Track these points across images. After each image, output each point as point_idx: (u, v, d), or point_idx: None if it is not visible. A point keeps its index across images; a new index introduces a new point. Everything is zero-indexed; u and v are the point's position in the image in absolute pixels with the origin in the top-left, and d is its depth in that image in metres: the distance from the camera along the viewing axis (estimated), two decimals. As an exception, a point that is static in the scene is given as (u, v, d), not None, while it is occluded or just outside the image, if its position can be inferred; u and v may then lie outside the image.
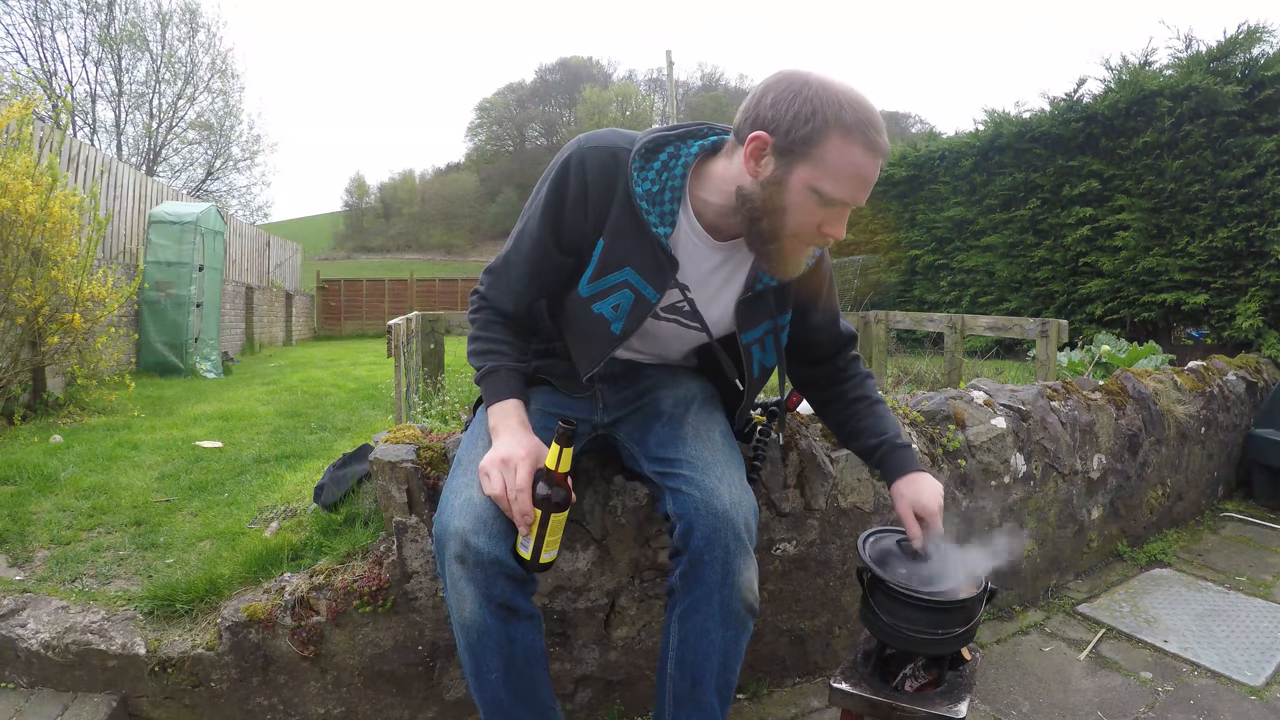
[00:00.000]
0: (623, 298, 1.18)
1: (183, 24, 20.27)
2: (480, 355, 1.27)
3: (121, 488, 2.36)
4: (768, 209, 1.08)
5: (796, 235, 1.10)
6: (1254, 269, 5.01)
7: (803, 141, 1.03)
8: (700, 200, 1.17)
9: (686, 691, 1.19)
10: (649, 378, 1.39)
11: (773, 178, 1.06)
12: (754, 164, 1.07)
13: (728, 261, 1.22)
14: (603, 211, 1.15)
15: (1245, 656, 1.94)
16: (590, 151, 1.14)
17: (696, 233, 1.18)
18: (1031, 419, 2.26)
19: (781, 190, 1.06)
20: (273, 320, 12.01)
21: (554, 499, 1.08)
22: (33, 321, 3.61)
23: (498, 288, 1.28)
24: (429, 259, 42.68)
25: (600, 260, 1.17)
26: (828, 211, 1.07)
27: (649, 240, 1.14)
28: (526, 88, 60.46)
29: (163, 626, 1.50)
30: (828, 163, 1.03)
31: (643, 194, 1.13)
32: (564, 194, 1.16)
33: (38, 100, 5.76)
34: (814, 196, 1.05)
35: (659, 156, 1.15)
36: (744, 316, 1.25)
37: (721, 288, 1.24)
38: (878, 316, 4.97)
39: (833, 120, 1.02)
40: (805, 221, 1.08)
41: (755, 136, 1.05)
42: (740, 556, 1.16)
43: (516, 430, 1.16)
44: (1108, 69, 6.28)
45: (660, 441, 1.28)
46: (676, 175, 1.14)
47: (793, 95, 1.03)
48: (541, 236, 1.19)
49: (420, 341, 3.88)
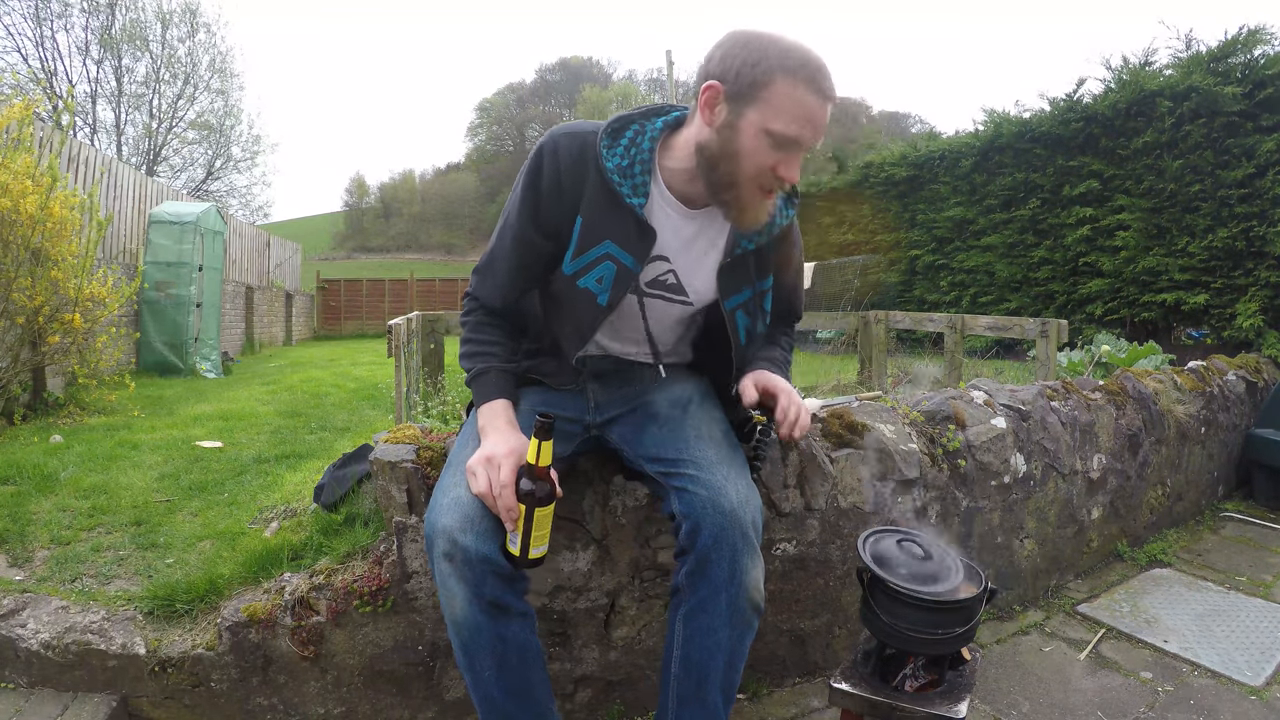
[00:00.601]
0: (605, 270, 1.22)
1: (183, 24, 20.31)
2: (470, 358, 1.30)
3: (121, 488, 2.36)
4: (724, 154, 1.13)
5: (754, 179, 1.14)
6: (1254, 269, 5.00)
7: (750, 85, 1.09)
8: (669, 170, 1.22)
9: (691, 690, 1.19)
10: (642, 379, 1.38)
11: (726, 123, 1.12)
12: (709, 113, 1.13)
13: (705, 230, 1.26)
14: (578, 192, 1.20)
15: (1245, 656, 1.94)
16: (561, 138, 1.21)
17: (670, 202, 1.23)
18: (1031, 419, 2.26)
19: (735, 134, 1.11)
20: (273, 320, 12.01)
21: (537, 494, 1.09)
22: (33, 321, 3.61)
23: (486, 285, 1.31)
24: (429, 259, 42.67)
25: (580, 237, 1.21)
26: (781, 155, 1.12)
27: (625, 211, 1.19)
28: (526, 88, 60.47)
29: (163, 626, 1.50)
30: (776, 104, 1.08)
31: (613, 168, 1.18)
32: (539, 181, 1.21)
33: (38, 101, 5.76)
34: (766, 138, 1.10)
35: (625, 134, 1.21)
36: (725, 282, 1.28)
37: (702, 256, 1.28)
38: (878, 316, 4.97)
39: (778, 64, 1.08)
40: (760, 164, 1.12)
41: (708, 86, 1.12)
42: (747, 555, 1.16)
43: (503, 430, 1.19)
44: (1108, 69, 6.28)
45: (661, 442, 1.28)
46: (644, 149, 1.20)
47: (740, 46, 1.10)
48: (522, 226, 1.23)
49: (420, 341, 3.88)
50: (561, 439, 1.30)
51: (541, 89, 60.01)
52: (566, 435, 1.33)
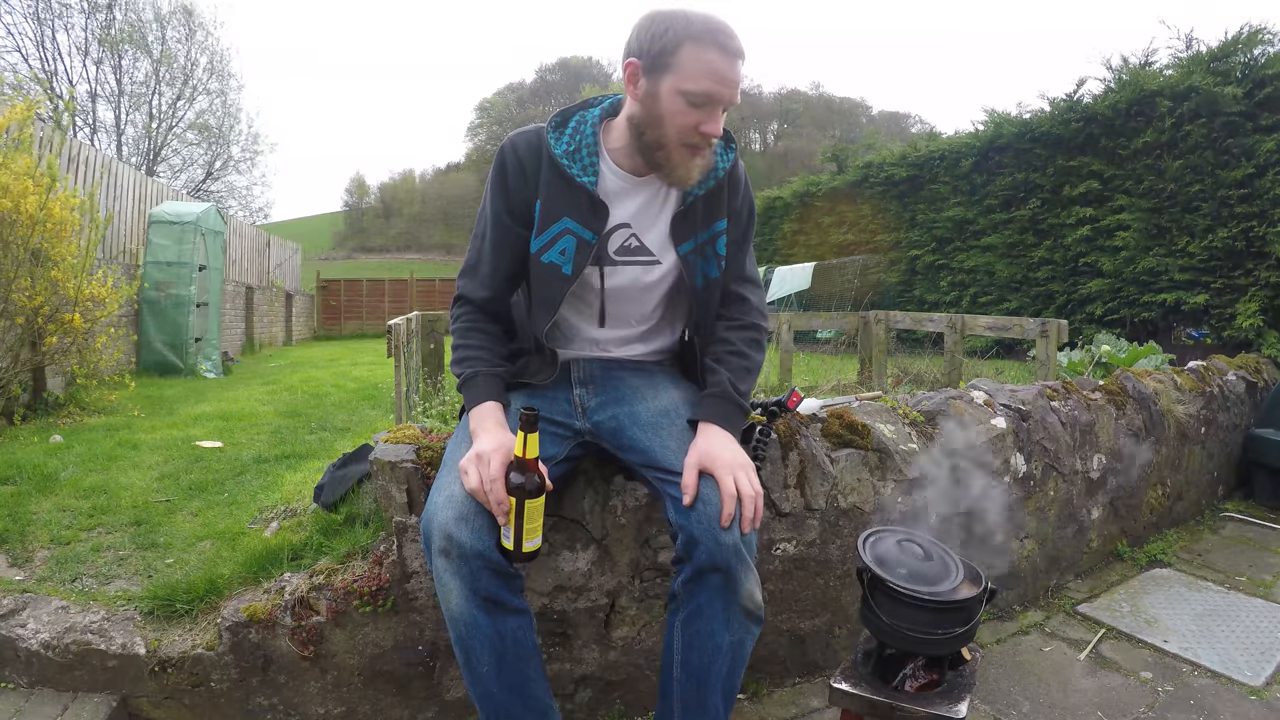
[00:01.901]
0: (567, 243, 1.31)
1: (180, 25, 20.30)
2: (460, 363, 1.35)
3: (121, 488, 2.36)
4: (649, 121, 1.24)
5: (679, 139, 1.24)
6: (1254, 269, 5.01)
7: (660, 54, 1.20)
8: (614, 150, 1.34)
9: (692, 694, 1.20)
10: (629, 384, 1.40)
11: (647, 93, 1.23)
12: (633, 87, 1.24)
13: (658, 193, 1.36)
14: (535, 179, 1.32)
15: (1245, 656, 1.94)
16: (517, 136, 1.36)
17: (619, 175, 1.34)
18: (1031, 419, 2.26)
19: (656, 101, 1.22)
20: (273, 320, 12.01)
21: (527, 486, 1.12)
22: (33, 321, 3.61)
23: (473, 281, 1.38)
24: (429, 259, 42.64)
25: (540, 217, 1.32)
26: (700, 113, 1.21)
27: (577, 190, 1.30)
28: (526, 88, 60.46)
29: (163, 626, 1.50)
30: (686, 68, 1.19)
31: (561, 153, 1.30)
32: (505, 172, 1.34)
33: (39, 101, 5.76)
34: (682, 99, 1.20)
35: (569, 124, 1.34)
36: (677, 229, 1.36)
37: (658, 216, 1.37)
38: (878, 316, 4.97)
39: (682, 32, 1.19)
40: (683, 124, 1.22)
41: (628, 64, 1.24)
42: (742, 568, 1.17)
43: (493, 429, 1.22)
44: (1108, 69, 6.29)
45: (655, 448, 1.28)
46: (588, 135, 1.32)
47: (649, 22, 1.21)
48: (498, 212, 1.34)
49: (420, 341, 3.88)
50: (552, 441, 1.32)
51: (541, 89, 59.99)
52: (556, 438, 1.34)
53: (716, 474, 1.18)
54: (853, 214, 9.22)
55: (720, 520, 1.16)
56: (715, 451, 1.21)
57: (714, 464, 1.19)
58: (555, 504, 1.49)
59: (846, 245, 9.32)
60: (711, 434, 1.25)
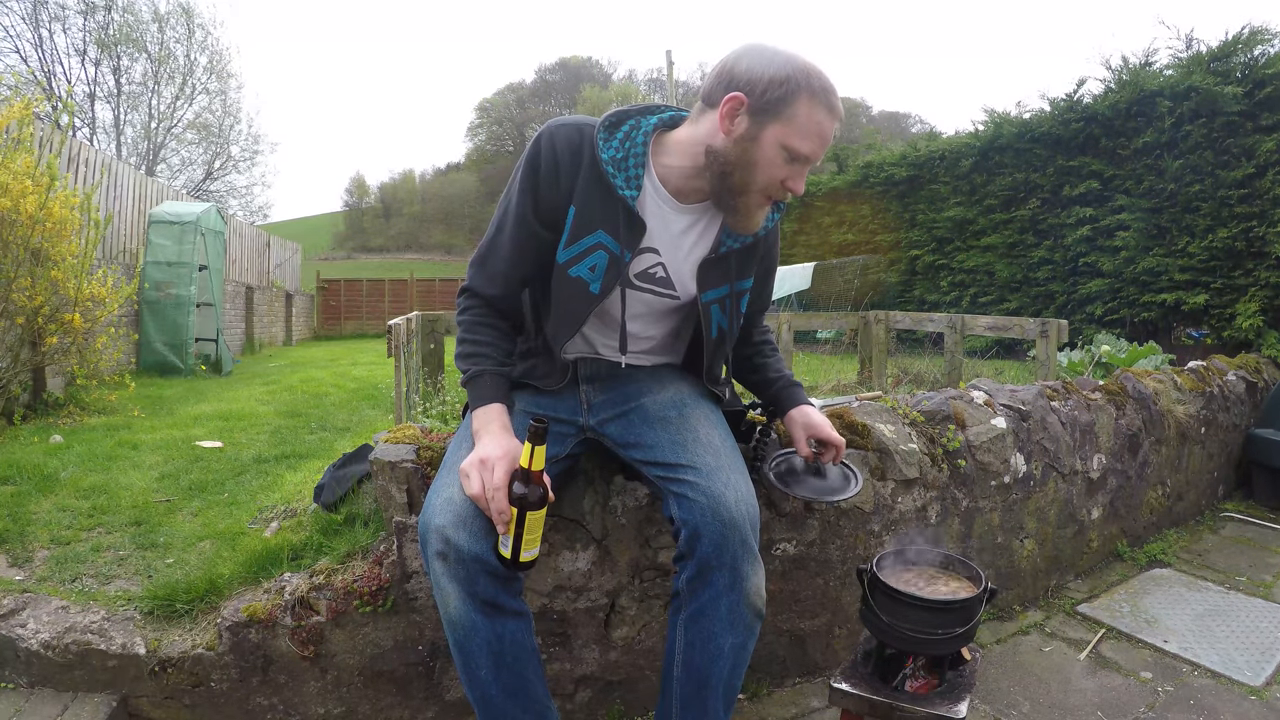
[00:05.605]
0: (598, 258, 1.24)
1: (179, 25, 20.28)
2: (466, 359, 1.30)
3: (121, 488, 2.36)
4: (740, 163, 1.18)
5: (764, 189, 1.21)
6: (1254, 269, 5.01)
7: (776, 102, 1.14)
8: (664, 166, 1.26)
9: (693, 695, 1.20)
10: (635, 381, 1.38)
11: (746, 135, 1.16)
12: (728, 123, 1.17)
13: (695, 225, 1.30)
14: (572, 182, 1.24)
15: (1245, 656, 1.94)
16: (558, 129, 1.25)
17: (662, 196, 1.26)
18: (1031, 419, 2.26)
19: (754, 146, 1.17)
20: (273, 320, 12.01)
21: (530, 498, 1.09)
22: (33, 321, 3.61)
23: (484, 274, 1.31)
24: (429, 259, 42.61)
25: (573, 226, 1.24)
26: (792, 168, 1.19)
27: (617, 203, 1.22)
28: (526, 88, 60.43)
29: (163, 626, 1.50)
30: (797, 122, 1.15)
31: (608, 160, 1.22)
32: (537, 167, 1.24)
33: (38, 101, 5.75)
34: (782, 153, 1.17)
35: (621, 128, 1.25)
36: (704, 276, 1.30)
37: (690, 250, 1.30)
38: (878, 316, 4.97)
39: (803, 85, 1.14)
40: (772, 176, 1.19)
41: (731, 97, 1.15)
42: (748, 562, 1.17)
43: (497, 433, 1.19)
44: (1108, 69, 6.29)
45: (658, 445, 1.28)
46: (639, 144, 1.24)
47: (766, 62, 1.15)
48: (523, 211, 1.25)
49: (420, 341, 3.88)
50: (555, 440, 1.30)
51: (541, 89, 59.96)
52: (560, 436, 1.33)
53: (827, 435, 1.44)
54: (853, 214, 9.21)
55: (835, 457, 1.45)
56: (818, 419, 1.46)
57: (823, 428, 1.45)
58: (555, 504, 1.49)
59: (846, 245, 9.31)
60: (807, 410, 1.48)
